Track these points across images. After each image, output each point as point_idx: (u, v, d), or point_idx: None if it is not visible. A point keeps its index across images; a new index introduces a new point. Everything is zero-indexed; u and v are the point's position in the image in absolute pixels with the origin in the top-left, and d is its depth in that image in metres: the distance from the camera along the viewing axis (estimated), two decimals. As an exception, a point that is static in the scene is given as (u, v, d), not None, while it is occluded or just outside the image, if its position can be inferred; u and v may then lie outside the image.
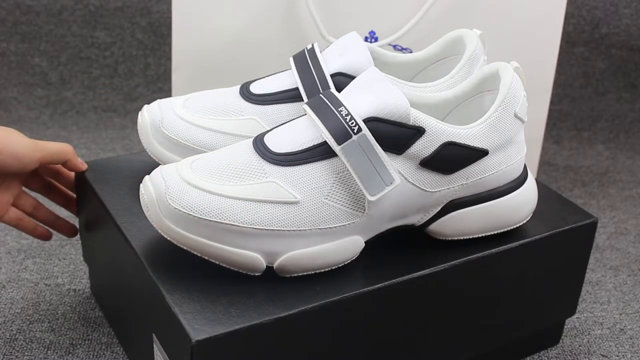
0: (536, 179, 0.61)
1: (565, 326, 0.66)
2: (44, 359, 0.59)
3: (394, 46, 0.77)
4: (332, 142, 0.47)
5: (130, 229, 0.53)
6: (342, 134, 0.47)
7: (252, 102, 0.57)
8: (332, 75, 0.57)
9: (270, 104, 0.57)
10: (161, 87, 1.05)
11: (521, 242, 0.54)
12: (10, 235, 0.74)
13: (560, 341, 0.65)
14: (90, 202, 0.59)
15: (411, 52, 0.77)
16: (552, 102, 1.09)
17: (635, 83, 1.12)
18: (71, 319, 0.63)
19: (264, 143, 0.50)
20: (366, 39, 0.77)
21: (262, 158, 0.49)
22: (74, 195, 0.63)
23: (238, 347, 0.45)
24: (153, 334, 0.50)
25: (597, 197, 0.90)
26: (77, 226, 0.64)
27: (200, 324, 0.44)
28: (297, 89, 0.57)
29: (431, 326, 0.53)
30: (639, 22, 1.12)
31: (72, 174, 0.62)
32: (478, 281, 0.54)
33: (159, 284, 0.47)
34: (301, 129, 0.50)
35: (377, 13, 0.75)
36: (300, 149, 0.49)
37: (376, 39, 0.76)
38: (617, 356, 0.63)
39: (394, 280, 0.49)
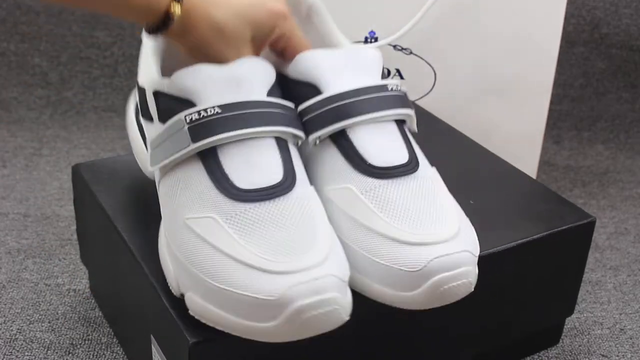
0: (536, 179, 0.61)
1: (565, 326, 0.66)
2: (44, 359, 0.59)
3: (394, 46, 0.77)
4: None
5: (127, 229, 0.53)
6: None
7: None
8: None
9: None
10: (161, 87, 1.05)
11: (520, 242, 0.54)
12: (10, 235, 0.74)
13: (560, 341, 0.65)
14: (87, 203, 0.59)
15: (411, 52, 0.77)
16: (552, 102, 1.09)
17: (635, 83, 1.12)
18: (71, 319, 0.63)
19: None
20: (366, 39, 0.77)
21: None
22: None
23: (236, 348, 0.45)
24: (151, 335, 0.50)
25: (597, 197, 0.90)
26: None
27: (197, 325, 0.44)
28: None
29: (431, 326, 0.53)
30: (639, 22, 1.12)
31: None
32: (477, 281, 0.53)
33: (156, 285, 0.47)
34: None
35: (377, 13, 0.75)
36: None
37: (376, 39, 0.76)
38: (617, 356, 0.63)
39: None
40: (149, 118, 0.48)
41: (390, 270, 0.44)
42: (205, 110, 0.44)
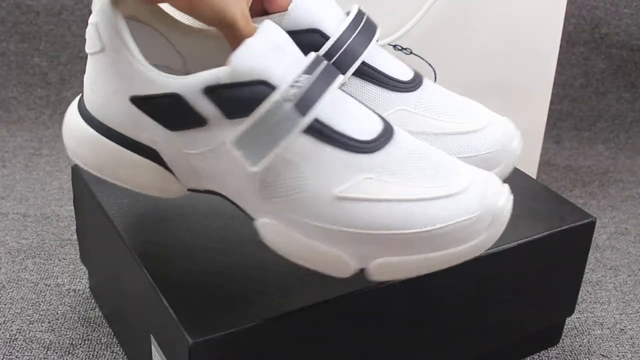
0: (536, 179, 0.61)
1: (565, 326, 0.66)
2: (44, 359, 0.59)
3: (394, 46, 0.77)
4: None
5: (127, 229, 0.53)
6: None
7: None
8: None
9: None
10: (161, 87, 1.05)
11: (520, 242, 0.54)
12: (10, 235, 0.74)
13: (560, 341, 0.65)
14: (87, 203, 0.59)
15: (411, 52, 0.77)
16: (552, 102, 1.09)
17: (635, 83, 1.12)
18: (71, 319, 0.63)
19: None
20: (366, 39, 0.76)
21: None
22: None
23: (236, 348, 0.45)
24: (151, 335, 0.50)
25: (597, 197, 0.90)
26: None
27: (197, 326, 0.44)
28: None
29: (430, 326, 0.53)
30: (639, 22, 1.12)
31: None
32: (477, 281, 0.53)
33: (155, 285, 0.47)
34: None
35: (377, 13, 0.75)
36: None
37: (376, 39, 0.76)
38: (617, 356, 0.63)
39: (393, 281, 0.49)
40: (194, 124, 0.44)
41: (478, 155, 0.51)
42: (296, 81, 0.42)
